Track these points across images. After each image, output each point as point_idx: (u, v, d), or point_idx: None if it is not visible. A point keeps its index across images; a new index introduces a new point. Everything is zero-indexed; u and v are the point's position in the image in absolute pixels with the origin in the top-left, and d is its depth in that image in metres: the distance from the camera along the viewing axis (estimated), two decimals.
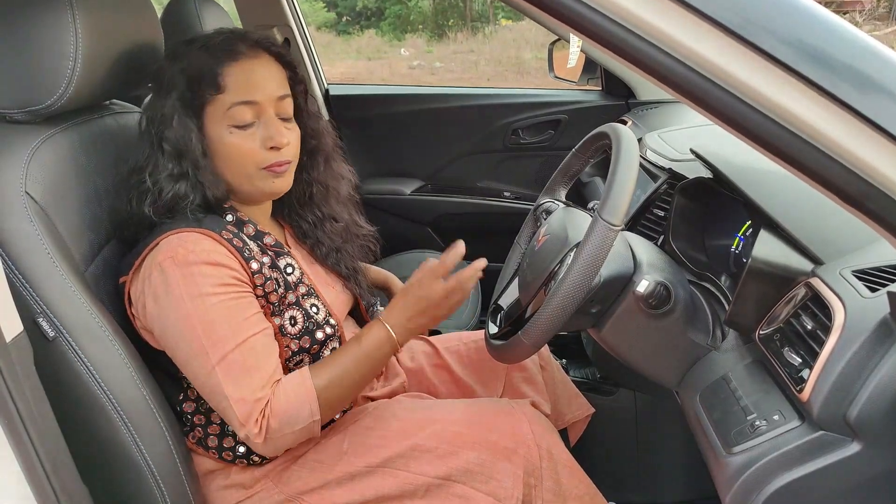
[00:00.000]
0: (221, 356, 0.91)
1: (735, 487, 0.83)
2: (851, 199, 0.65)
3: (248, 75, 0.98)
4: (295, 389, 0.95)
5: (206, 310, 0.91)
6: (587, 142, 1.13)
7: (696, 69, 0.64)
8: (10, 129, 0.93)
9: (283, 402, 0.93)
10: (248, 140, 0.98)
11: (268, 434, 0.93)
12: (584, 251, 0.86)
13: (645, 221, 1.36)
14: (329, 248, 1.18)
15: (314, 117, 1.12)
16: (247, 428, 0.92)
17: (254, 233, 1.03)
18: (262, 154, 0.99)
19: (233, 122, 0.98)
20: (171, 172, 0.97)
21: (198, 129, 0.98)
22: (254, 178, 1.00)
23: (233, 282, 0.94)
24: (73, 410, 0.87)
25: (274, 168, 1.00)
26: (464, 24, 11.82)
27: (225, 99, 0.97)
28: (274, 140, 0.98)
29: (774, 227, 0.95)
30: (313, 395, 0.95)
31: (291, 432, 0.95)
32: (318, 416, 0.96)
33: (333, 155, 1.17)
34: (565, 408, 1.30)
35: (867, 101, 0.61)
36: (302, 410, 0.94)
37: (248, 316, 0.95)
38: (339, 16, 13.03)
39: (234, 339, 0.92)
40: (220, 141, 0.98)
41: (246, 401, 0.91)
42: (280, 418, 0.93)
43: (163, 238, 0.94)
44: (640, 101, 2.13)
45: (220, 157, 0.99)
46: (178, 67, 0.98)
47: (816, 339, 0.80)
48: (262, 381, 0.93)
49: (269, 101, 0.99)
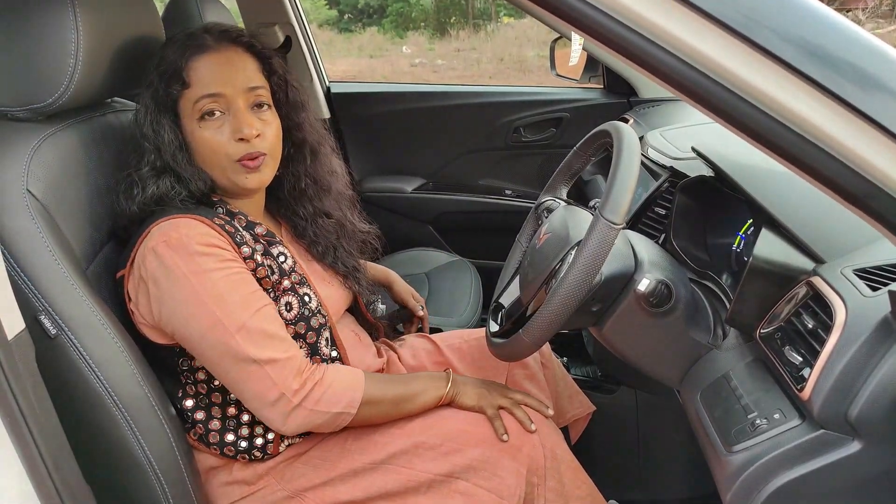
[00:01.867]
0: (240, 325, 0.92)
1: (736, 486, 0.83)
2: (853, 197, 0.65)
3: (212, 68, 0.98)
4: (346, 374, 0.99)
5: (213, 284, 0.92)
6: (588, 140, 1.13)
7: (697, 67, 0.64)
8: (12, 127, 0.94)
9: (332, 378, 0.97)
10: (217, 133, 0.99)
11: (306, 399, 0.94)
12: (585, 250, 0.86)
13: (646, 220, 1.36)
14: (326, 245, 1.18)
15: (296, 109, 1.11)
16: (280, 387, 0.93)
17: (245, 224, 1.04)
18: (232, 146, 0.99)
19: (201, 115, 0.98)
20: (154, 166, 0.98)
21: (173, 123, 0.99)
22: (228, 172, 1.01)
23: (231, 258, 0.95)
24: (74, 408, 0.87)
25: (246, 162, 1.00)
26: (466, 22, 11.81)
27: (191, 93, 0.98)
28: (242, 132, 0.98)
29: (776, 225, 0.95)
30: (361, 385, 0.99)
31: (326, 412, 0.96)
32: (354, 408, 0.98)
33: (321, 148, 1.16)
34: (566, 406, 1.30)
35: (869, 99, 0.61)
36: (345, 394, 0.98)
37: (253, 290, 0.96)
38: (341, 13, 13.02)
39: (249, 308, 0.93)
40: (193, 135, 1.00)
41: (277, 360, 0.93)
42: (325, 389, 0.96)
43: (153, 226, 0.95)
44: (641, 99, 2.13)
45: (196, 151, 1.00)
46: (153, 64, 1.00)
47: (817, 337, 0.80)
48: (285, 344, 0.95)
49: (237, 92, 0.99)
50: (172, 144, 0.98)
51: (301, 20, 2.31)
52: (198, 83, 0.97)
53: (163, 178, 0.98)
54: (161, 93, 0.98)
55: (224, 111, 0.99)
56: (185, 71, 0.97)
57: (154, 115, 0.98)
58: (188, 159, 1.00)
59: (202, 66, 0.98)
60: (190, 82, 0.97)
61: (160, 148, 0.98)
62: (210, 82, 0.97)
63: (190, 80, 0.97)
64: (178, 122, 1.00)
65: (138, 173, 0.98)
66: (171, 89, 0.98)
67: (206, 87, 0.97)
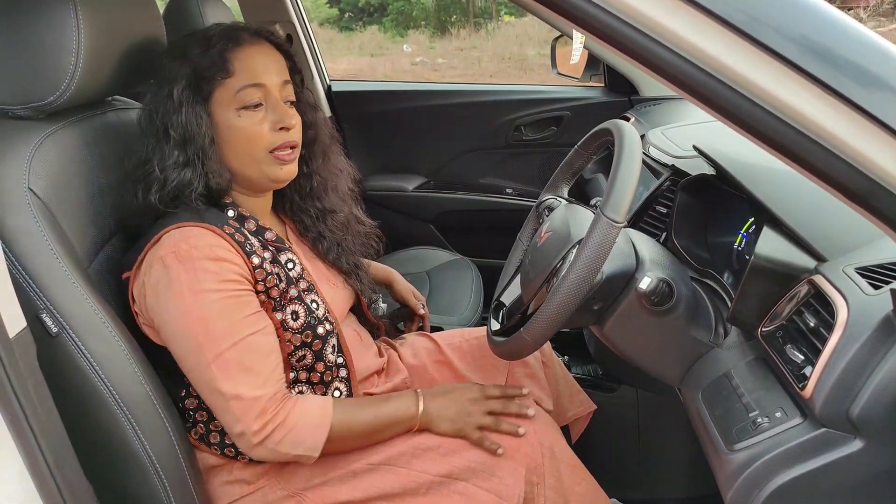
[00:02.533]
0: (217, 353, 0.92)
1: (737, 484, 0.83)
2: (855, 196, 0.65)
3: (254, 59, 0.99)
4: (312, 414, 0.96)
5: (206, 306, 0.91)
6: (589, 138, 1.13)
7: (700, 66, 0.64)
8: (13, 125, 0.94)
9: (296, 421, 0.95)
10: (256, 123, 0.99)
11: (267, 440, 0.93)
12: (586, 248, 0.85)
13: (647, 218, 1.36)
14: (331, 242, 1.18)
15: (311, 108, 1.13)
16: (243, 424, 0.92)
17: (255, 228, 1.04)
18: (271, 136, 1.00)
19: (241, 104, 0.98)
20: (177, 160, 0.97)
21: (207, 115, 0.99)
22: (262, 163, 1.01)
23: (234, 278, 0.94)
24: (76, 406, 0.87)
25: (281, 154, 1.01)
26: (466, 21, 11.80)
27: (233, 83, 0.98)
28: (284, 121, 1.00)
29: (777, 223, 0.95)
30: (326, 428, 0.97)
31: (286, 453, 0.96)
32: (318, 451, 0.97)
33: (331, 147, 1.18)
34: (567, 404, 1.30)
35: (871, 97, 0.61)
36: (308, 439, 0.96)
37: (247, 314, 0.95)
38: (342, 12, 13.01)
39: (232, 337, 0.92)
40: (229, 126, 0.99)
41: (242, 398, 0.92)
42: (287, 433, 0.94)
43: (165, 232, 0.94)
44: (643, 97, 2.13)
45: (229, 143, 1.00)
46: (182, 59, 0.99)
47: (819, 336, 0.80)
48: (259, 380, 0.93)
49: (275, 85, 1.00)
50: (206, 137, 0.98)
51: (302, 18, 2.31)
52: (241, 72, 0.98)
53: (185, 171, 0.97)
54: (196, 83, 0.98)
55: (263, 102, 1.00)
56: (230, 61, 0.98)
57: (190, 105, 0.97)
58: (215, 153, 0.99)
59: (244, 57, 0.99)
60: (234, 71, 0.98)
61: (189, 140, 0.97)
62: (254, 72, 0.99)
63: (233, 69, 0.98)
64: (210, 113, 0.99)
65: (161, 166, 0.97)
66: (210, 79, 0.98)
67: (249, 77, 0.98)
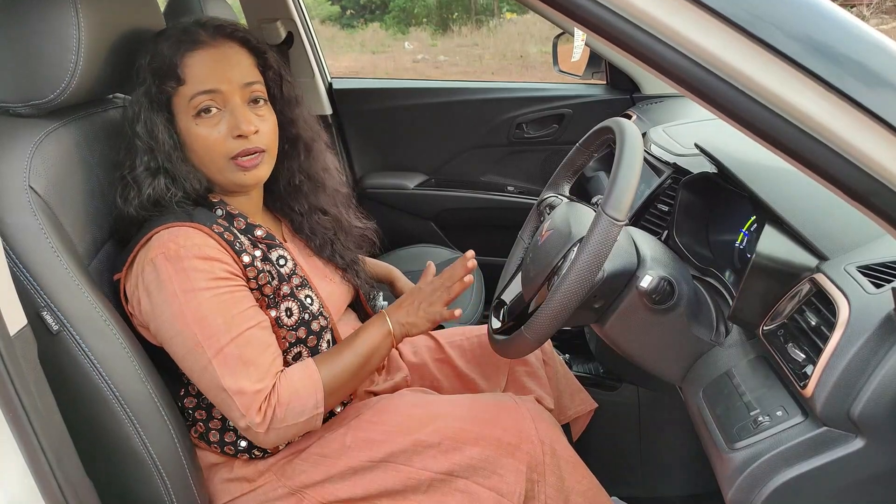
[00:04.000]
0: (217, 350, 0.91)
1: (737, 483, 0.83)
2: (856, 194, 0.65)
3: (208, 64, 0.97)
4: (301, 380, 0.96)
5: (199, 304, 0.91)
6: (591, 136, 1.13)
7: (701, 64, 0.64)
8: (13, 122, 0.93)
9: (289, 392, 0.94)
10: (213, 130, 0.97)
11: (272, 423, 0.93)
12: (587, 246, 0.85)
13: (649, 216, 1.36)
14: (323, 240, 1.17)
15: (291, 104, 1.10)
16: (248, 418, 0.92)
17: (244, 226, 1.03)
18: (229, 143, 0.97)
19: (196, 111, 0.97)
20: (148, 167, 0.96)
21: (167, 122, 0.97)
22: (224, 171, 0.99)
23: (226, 275, 0.94)
24: (76, 403, 0.87)
25: (242, 161, 0.98)
26: (468, 18, 11.78)
27: (186, 90, 0.96)
28: (239, 128, 0.97)
29: (779, 222, 0.94)
30: (319, 385, 0.96)
31: (295, 423, 0.95)
32: (322, 407, 0.96)
33: (314, 144, 1.15)
34: (568, 403, 1.30)
35: (874, 96, 0.61)
36: (308, 401, 0.95)
37: (242, 309, 0.95)
38: (344, 9, 12.99)
39: (229, 332, 0.92)
40: (188, 133, 0.98)
41: (245, 392, 0.92)
42: (286, 408, 0.93)
43: (154, 233, 0.94)
44: (644, 95, 2.12)
45: (191, 149, 0.99)
46: (145, 61, 0.98)
47: (820, 335, 0.80)
48: (259, 373, 0.93)
49: (234, 88, 0.98)
50: (167, 144, 0.96)
51: (303, 16, 2.31)
52: (193, 79, 0.96)
53: (157, 179, 0.96)
54: (154, 90, 0.97)
55: (220, 108, 0.97)
56: (180, 67, 0.96)
57: (147, 113, 0.96)
58: (183, 158, 0.98)
59: (197, 62, 0.96)
60: (185, 79, 0.96)
61: (154, 148, 0.96)
62: (206, 78, 0.96)
63: (185, 76, 0.96)
64: (173, 120, 0.98)
65: (132, 174, 0.97)
66: (165, 86, 0.96)
67: (202, 84, 0.96)
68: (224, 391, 0.92)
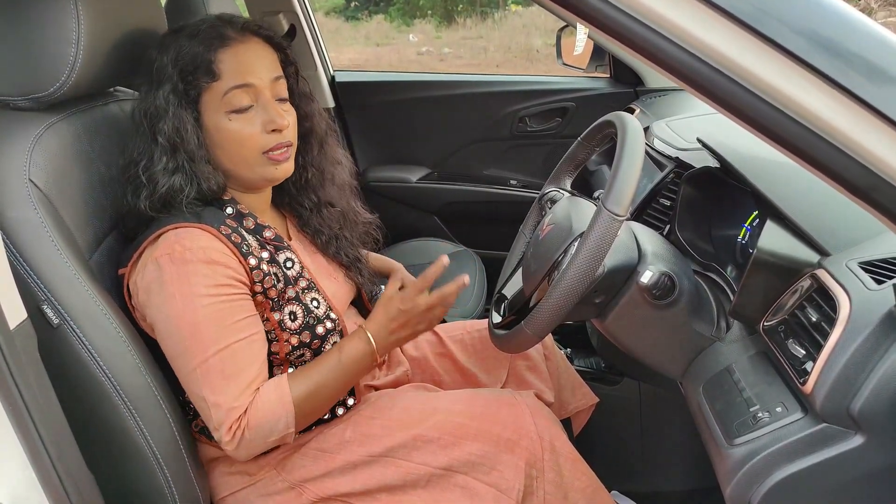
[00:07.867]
0: (202, 360, 0.92)
1: (736, 479, 0.83)
2: (859, 190, 0.64)
3: (241, 59, 0.97)
4: (272, 402, 0.95)
5: (195, 311, 0.91)
6: (592, 130, 1.12)
7: (704, 59, 0.63)
8: (13, 116, 0.94)
9: (259, 414, 0.93)
10: (247, 125, 0.98)
11: (240, 442, 0.93)
12: (587, 241, 0.85)
13: (651, 211, 1.35)
14: (329, 235, 1.17)
15: (306, 99, 1.11)
16: (219, 433, 0.93)
17: (253, 226, 1.03)
18: (263, 138, 0.98)
19: (231, 107, 0.97)
20: (166, 166, 0.95)
21: (194, 119, 0.97)
22: (255, 165, 1.00)
23: (227, 282, 0.94)
24: (77, 397, 0.88)
25: (275, 155, 0.99)
26: (473, 10, 11.72)
27: (221, 85, 0.96)
28: (275, 122, 0.97)
29: (781, 217, 0.94)
30: (290, 408, 0.95)
31: (264, 442, 0.96)
32: (292, 427, 0.96)
33: (327, 138, 1.16)
34: (569, 397, 1.30)
35: (877, 91, 0.60)
36: (278, 423, 0.95)
37: (236, 320, 0.94)
38: (348, 1, 12.95)
39: (217, 344, 0.92)
40: (219, 129, 0.98)
41: (221, 407, 0.92)
42: (255, 430, 0.93)
43: (162, 233, 0.94)
44: (648, 88, 2.11)
45: (220, 146, 0.99)
46: (169, 58, 0.97)
47: (821, 331, 0.80)
48: (239, 389, 0.93)
49: (265, 83, 0.98)
50: (192, 142, 0.96)
51: (305, 8, 2.30)
52: (228, 74, 0.96)
53: (174, 178, 0.95)
54: (182, 87, 0.96)
55: (253, 103, 0.98)
56: (215, 63, 0.95)
57: (177, 110, 0.95)
58: (206, 158, 0.98)
59: (231, 57, 0.96)
60: (220, 74, 0.96)
61: (177, 146, 0.95)
62: (241, 73, 0.96)
63: (220, 71, 0.96)
64: (199, 118, 0.98)
65: (148, 173, 0.96)
66: (196, 83, 0.96)
67: (237, 78, 0.96)
68: (203, 400, 0.93)
